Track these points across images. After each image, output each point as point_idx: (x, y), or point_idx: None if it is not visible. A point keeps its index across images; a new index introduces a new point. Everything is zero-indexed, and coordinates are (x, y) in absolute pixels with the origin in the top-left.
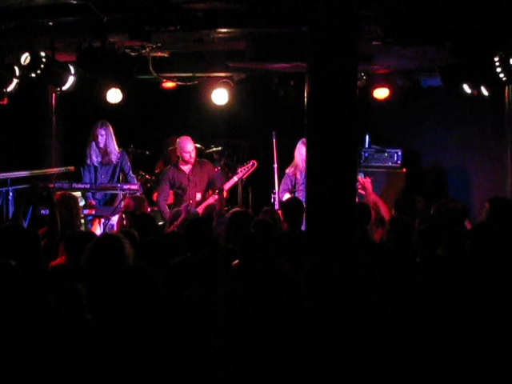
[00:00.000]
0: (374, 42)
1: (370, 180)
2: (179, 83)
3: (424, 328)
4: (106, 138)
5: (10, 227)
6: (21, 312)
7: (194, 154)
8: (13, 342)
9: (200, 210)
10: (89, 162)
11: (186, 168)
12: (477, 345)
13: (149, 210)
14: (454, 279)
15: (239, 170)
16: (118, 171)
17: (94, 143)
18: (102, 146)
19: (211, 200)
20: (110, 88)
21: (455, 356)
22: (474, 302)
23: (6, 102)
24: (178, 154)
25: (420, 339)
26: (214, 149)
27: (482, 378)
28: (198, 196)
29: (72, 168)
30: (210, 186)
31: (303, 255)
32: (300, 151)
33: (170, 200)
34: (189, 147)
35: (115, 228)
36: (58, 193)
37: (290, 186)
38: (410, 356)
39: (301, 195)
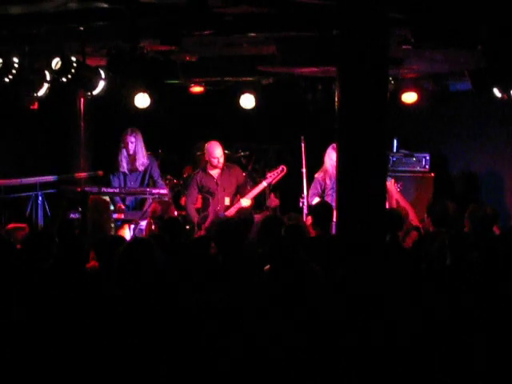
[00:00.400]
0: (403, 46)
1: (392, 182)
2: (207, 88)
3: (455, 333)
4: (136, 145)
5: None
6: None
7: (222, 160)
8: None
9: (229, 214)
10: (119, 168)
11: (215, 172)
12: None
13: (176, 214)
14: (484, 284)
15: (268, 175)
16: (147, 177)
17: (124, 150)
18: (131, 152)
19: (240, 204)
20: (138, 93)
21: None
22: (505, 307)
23: (36, 106)
24: (207, 158)
25: (452, 343)
26: (242, 153)
27: None
28: (227, 200)
29: (101, 173)
30: (239, 191)
31: (333, 260)
32: (330, 156)
33: (198, 204)
34: (217, 152)
35: (144, 232)
36: (90, 197)
37: (320, 191)
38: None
39: (329, 200)
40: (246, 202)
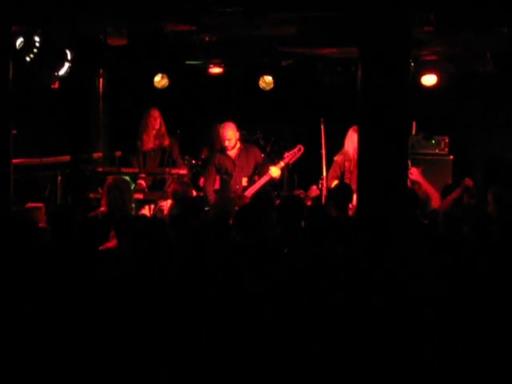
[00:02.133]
0: (426, 28)
1: (418, 170)
2: (226, 69)
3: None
4: (160, 122)
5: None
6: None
7: (233, 142)
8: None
9: (248, 194)
10: (141, 147)
11: (232, 153)
12: None
13: (194, 194)
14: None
15: (286, 154)
16: (166, 157)
17: (149, 127)
18: (157, 127)
19: (263, 181)
20: (157, 73)
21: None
22: None
23: (57, 85)
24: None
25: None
26: (261, 135)
27: None
28: (244, 181)
29: (119, 153)
30: (257, 171)
31: (354, 240)
32: (351, 138)
33: (217, 185)
34: (228, 134)
35: (164, 212)
36: (111, 177)
37: (339, 174)
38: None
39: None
40: (275, 171)
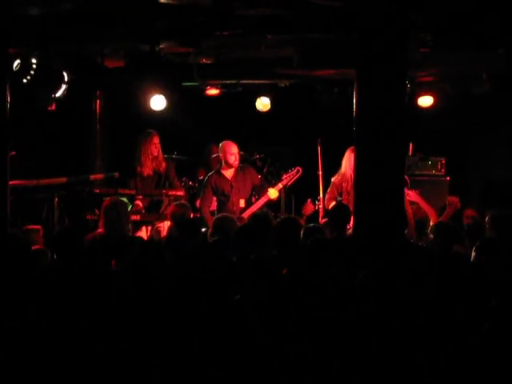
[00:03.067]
0: (422, 49)
1: (416, 192)
2: (223, 90)
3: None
4: (159, 147)
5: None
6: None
7: (238, 157)
8: None
9: (246, 215)
10: (140, 172)
11: (229, 174)
12: None
13: (191, 216)
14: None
15: (284, 176)
16: (163, 179)
17: (149, 151)
18: (156, 154)
19: (261, 202)
20: (154, 95)
21: None
22: None
23: (54, 107)
24: (221, 158)
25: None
26: (258, 156)
27: None
28: (242, 202)
29: (116, 174)
30: (254, 192)
31: (351, 262)
32: (349, 159)
33: (213, 207)
34: (233, 149)
35: (163, 233)
36: (108, 198)
37: (337, 195)
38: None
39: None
40: (273, 193)
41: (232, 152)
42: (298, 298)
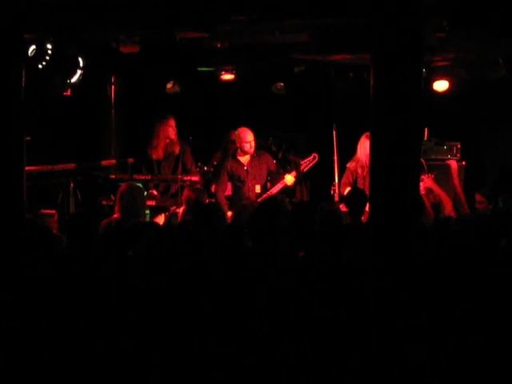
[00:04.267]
0: (438, 34)
1: (430, 177)
2: (238, 75)
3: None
4: (176, 130)
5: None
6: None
7: (253, 144)
8: None
9: (273, 193)
10: (151, 156)
11: (245, 160)
12: None
13: (207, 201)
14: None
15: (300, 162)
16: (179, 164)
17: (164, 136)
18: (172, 137)
19: (277, 188)
20: (169, 80)
21: None
22: None
23: (69, 93)
24: (238, 145)
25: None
26: (273, 141)
27: None
28: (257, 188)
29: (131, 160)
30: (271, 178)
31: (367, 247)
32: (364, 145)
33: (229, 192)
34: (249, 137)
35: (179, 219)
36: (124, 183)
37: (352, 180)
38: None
39: None
40: (290, 179)
41: (247, 140)
42: (299, 295)
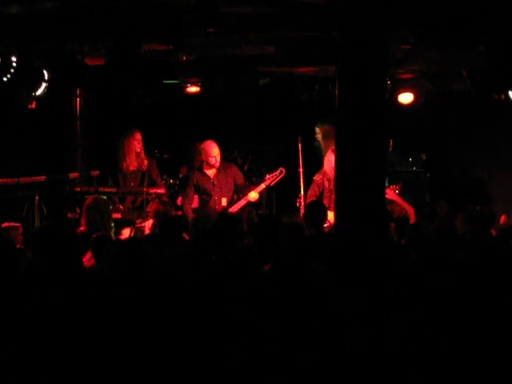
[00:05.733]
0: (402, 46)
1: (393, 189)
2: (203, 88)
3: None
4: (141, 145)
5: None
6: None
7: (219, 158)
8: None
9: (235, 209)
10: (125, 169)
11: (211, 173)
12: None
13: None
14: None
15: (267, 176)
16: (146, 177)
17: (132, 149)
18: (138, 150)
19: (241, 203)
20: (135, 92)
21: None
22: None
23: (34, 105)
24: (203, 158)
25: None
26: (238, 154)
27: None
28: (224, 201)
29: (96, 172)
30: (237, 191)
31: (331, 258)
32: (329, 159)
33: (195, 204)
34: (214, 151)
35: (146, 231)
36: (90, 196)
37: (318, 193)
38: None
39: (327, 202)
40: (254, 196)
41: (213, 154)
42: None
